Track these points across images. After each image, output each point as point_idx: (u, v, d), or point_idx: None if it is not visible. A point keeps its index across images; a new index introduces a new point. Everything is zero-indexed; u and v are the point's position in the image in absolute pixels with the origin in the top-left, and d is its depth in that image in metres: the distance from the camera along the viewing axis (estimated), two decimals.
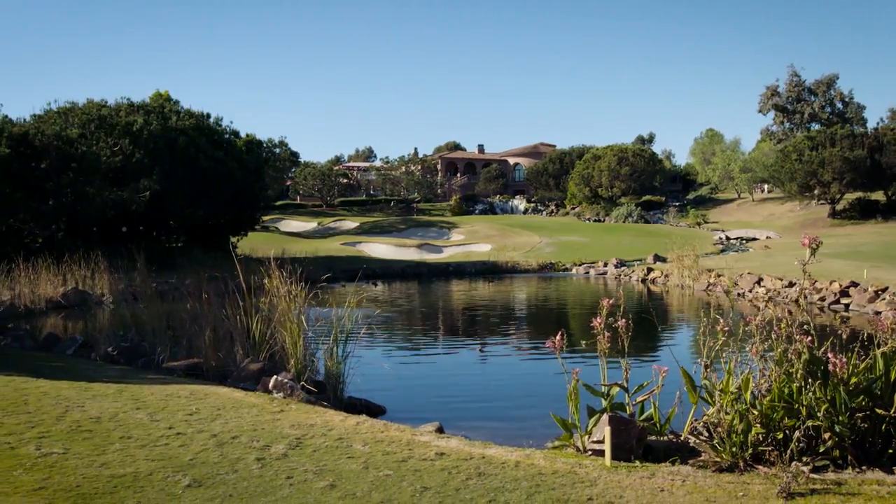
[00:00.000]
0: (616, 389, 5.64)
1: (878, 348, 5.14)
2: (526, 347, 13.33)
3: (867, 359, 5.07)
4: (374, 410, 7.31)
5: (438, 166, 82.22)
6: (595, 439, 5.22)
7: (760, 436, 4.89)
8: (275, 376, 7.18)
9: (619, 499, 4.15)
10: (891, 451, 4.88)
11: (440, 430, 6.14)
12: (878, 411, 4.88)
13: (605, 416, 5.15)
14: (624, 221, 57.44)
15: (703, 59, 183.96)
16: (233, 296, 8.74)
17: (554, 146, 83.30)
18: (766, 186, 64.96)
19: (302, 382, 7.23)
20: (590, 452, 5.25)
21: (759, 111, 73.34)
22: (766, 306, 5.69)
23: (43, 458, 4.60)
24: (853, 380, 4.92)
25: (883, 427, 4.91)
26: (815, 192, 49.74)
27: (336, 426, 5.76)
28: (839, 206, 50.05)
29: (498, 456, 5.02)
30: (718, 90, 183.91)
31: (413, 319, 17.30)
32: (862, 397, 4.94)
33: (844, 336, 5.56)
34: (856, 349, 5.18)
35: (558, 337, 5.56)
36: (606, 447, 4.95)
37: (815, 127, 64.46)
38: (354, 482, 4.38)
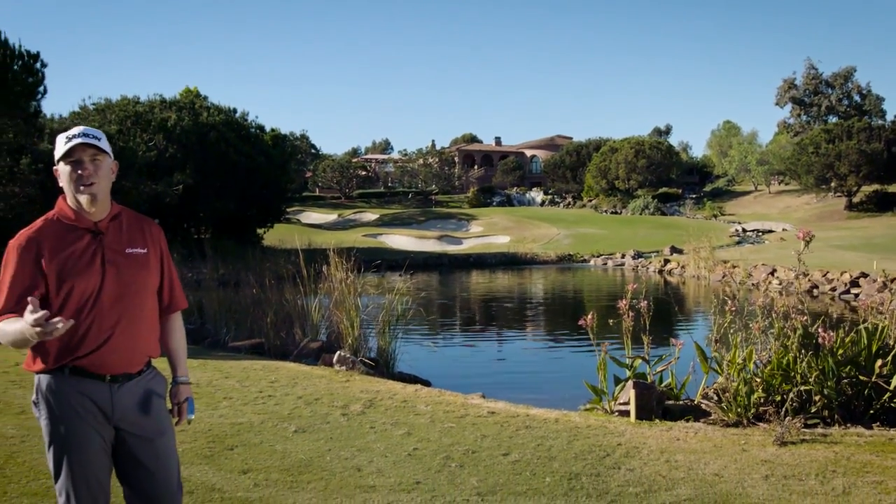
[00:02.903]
0: (639, 361, 6.59)
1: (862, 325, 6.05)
2: (550, 332, 14.30)
3: (852, 333, 5.98)
4: (423, 383, 8.28)
5: (456, 158, 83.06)
6: (621, 402, 6.18)
7: (761, 399, 5.83)
8: (338, 352, 8.20)
9: (642, 445, 5.10)
10: (872, 411, 5.80)
11: (483, 397, 7.11)
12: (862, 378, 5.79)
13: (630, 382, 6.11)
14: (641, 213, 58.12)
15: (721, 51, 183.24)
16: (291, 282, 9.78)
17: (571, 138, 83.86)
18: (785, 179, 65.26)
19: (361, 357, 8.23)
20: (616, 413, 6.21)
21: (776, 104, 73.55)
22: (766, 291, 6.59)
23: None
24: (840, 351, 5.83)
25: (865, 391, 5.82)
26: (832, 184, 50.20)
27: (398, 392, 6.76)
28: (856, 199, 50.47)
29: (540, 414, 6.00)
30: (736, 82, 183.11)
31: (443, 307, 18.30)
32: (849, 367, 5.85)
33: (835, 316, 6.48)
34: (844, 326, 6.09)
35: (590, 316, 6.52)
36: (632, 407, 5.91)
37: (833, 120, 64.70)
38: (426, 431, 5.38)
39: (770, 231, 44.75)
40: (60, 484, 2.46)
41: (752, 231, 45.20)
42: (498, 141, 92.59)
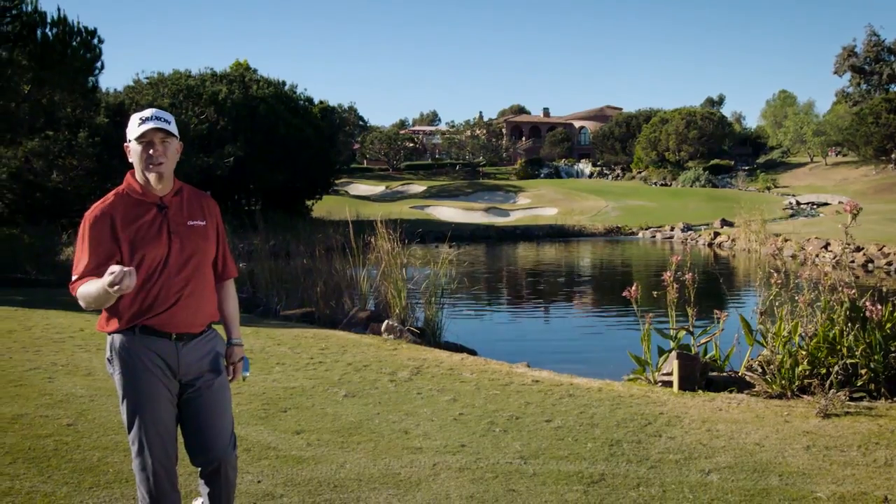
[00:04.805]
0: (683, 333, 6.63)
1: None
2: (596, 304, 14.32)
3: None
4: (469, 352, 8.43)
5: (503, 130, 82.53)
6: (664, 372, 6.24)
7: (806, 371, 5.83)
8: (386, 321, 8.41)
9: (684, 414, 5.18)
10: None
11: (528, 366, 7.23)
12: None
13: (673, 353, 6.16)
14: (691, 186, 57.08)
15: (777, 18, 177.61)
16: (340, 253, 10.01)
17: (620, 109, 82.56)
18: (842, 151, 63.32)
19: (408, 327, 8.43)
20: (659, 384, 6.27)
21: (835, 73, 71.06)
22: (812, 263, 6.55)
23: None
24: (889, 325, 5.79)
25: None
26: (892, 155, 48.64)
27: (444, 360, 6.94)
28: None
29: (583, 383, 6.11)
30: (792, 51, 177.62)
31: (489, 279, 18.43)
32: None
33: (887, 290, 6.41)
34: (895, 300, 6.03)
35: (634, 287, 6.58)
36: (675, 378, 5.98)
37: (894, 88, 62.37)
38: (471, 398, 5.54)
39: (825, 204, 43.59)
40: (133, 434, 2.70)
41: (807, 204, 44.10)
42: (546, 112, 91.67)
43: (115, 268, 2.34)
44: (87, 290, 2.55)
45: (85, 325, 8.50)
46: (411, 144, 79.02)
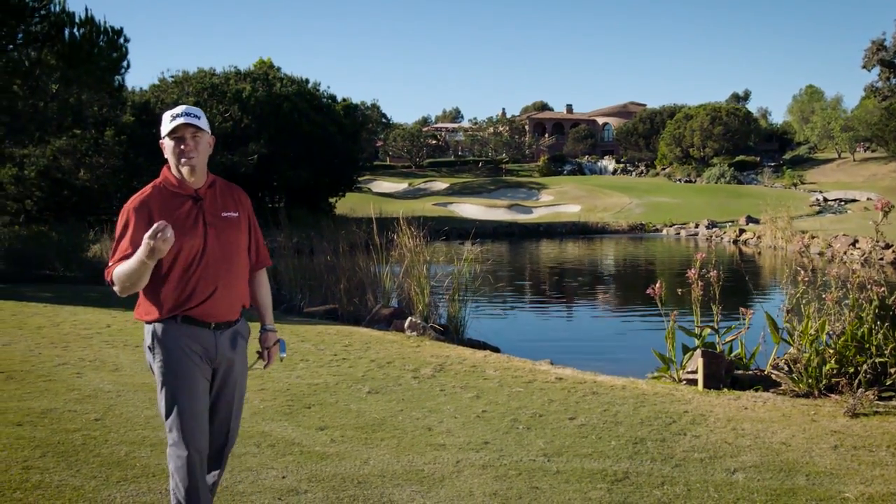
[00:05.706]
0: (707, 331, 6.57)
1: None
2: (620, 302, 14.24)
3: None
4: (492, 349, 8.42)
5: (526, 127, 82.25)
6: (689, 370, 6.20)
7: (834, 370, 5.76)
8: (409, 318, 8.44)
9: (709, 412, 5.14)
10: None
11: (551, 364, 7.21)
12: None
13: (698, 351, 6.12)
14: (716, 182, 56.52)
15: (805, 12, 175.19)
16: (363, 250, 10.05)
17: (644, 105, 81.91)
18: (871, 146, 62.34)
19: (431, 324, 8.45)
20: (684, 382, 6.23)
21: (864, 67, 69.71)
22: (840, 261, 6.47)
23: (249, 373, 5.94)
24: None
25: None
26: None
27: (468, 357, 6.95)
28: None
29: (607, 381, 6.09)
30: (820, 45, 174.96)
31: (512, 276, 18.39)
32: None
33: None
34: None
35: (658, 285, 6.53)
36: (699, 376, 5.93)
37: None
38: (494, 395, 5.55)
39: (853, 200, 42.97)
40: (171, 420, 2.76)
41: (834, 200, 43.49)
42: (569, 108, 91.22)
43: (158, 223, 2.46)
44: (122, 267, 2.63)
45: (112, 321, 8.61)
46: (434, 142, 79.06)
